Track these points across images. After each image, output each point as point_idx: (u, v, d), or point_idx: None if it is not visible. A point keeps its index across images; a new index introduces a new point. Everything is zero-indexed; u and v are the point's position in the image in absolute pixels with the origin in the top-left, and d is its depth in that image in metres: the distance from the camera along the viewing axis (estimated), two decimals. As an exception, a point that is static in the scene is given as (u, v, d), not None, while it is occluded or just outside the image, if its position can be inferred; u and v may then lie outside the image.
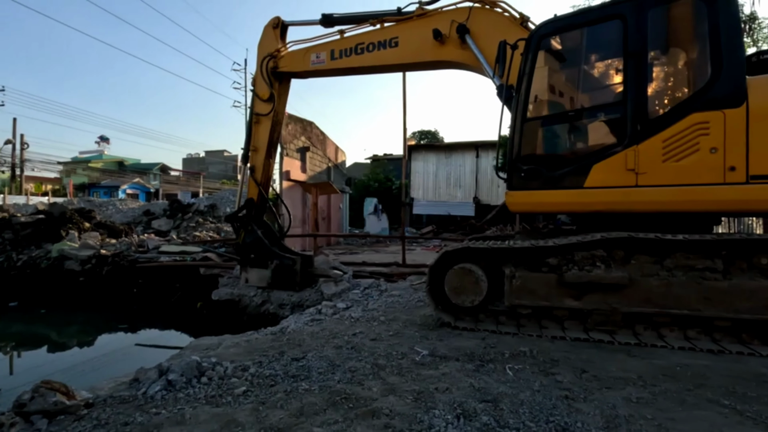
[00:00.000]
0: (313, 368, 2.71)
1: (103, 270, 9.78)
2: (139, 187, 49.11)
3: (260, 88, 7.11)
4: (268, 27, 7.13)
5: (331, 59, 6.53)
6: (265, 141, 7.17)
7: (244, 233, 7.27)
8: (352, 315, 4.26)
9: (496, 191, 22.09)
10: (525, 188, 3.88)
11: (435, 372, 2.67)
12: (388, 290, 6.03)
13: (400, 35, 5.94)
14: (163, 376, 2.40)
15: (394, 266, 8.16)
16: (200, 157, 68.47)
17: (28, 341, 7.84)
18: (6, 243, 11.32)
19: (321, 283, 6.96)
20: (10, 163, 27.08)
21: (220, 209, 19.03)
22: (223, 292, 7.35)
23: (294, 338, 3.43)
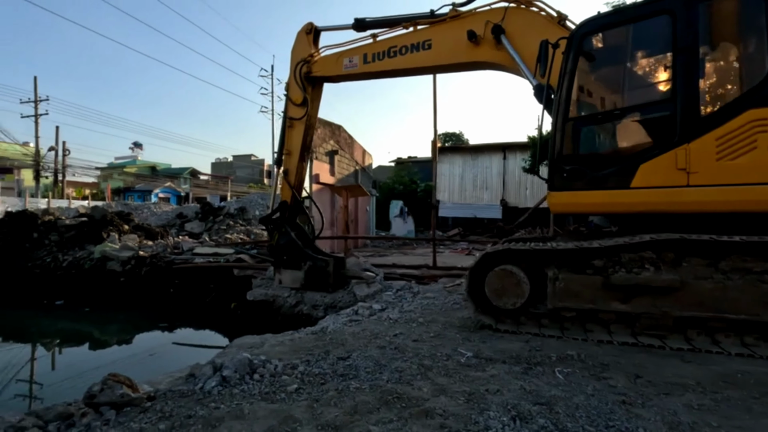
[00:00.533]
0: (360, 367, 2.73)
1: (142, 271, 10.14)
2: (171, 191, 50.75)
3: (294, 93, 7.24)
4: (301, 33, 7.27)
5: (364, 63, 6.59)
6: (298, 144, 7.29)
7: (278, 235, 7.40)
8: (390, 316, 4.28)
9: (524, 193, 21.76)
10: (567, 189, 3.80)
11: (483, 374, 2.65)
12: (421, 292, 6.01)
13: (434, 37, 5.95)
14: (218, 372, 2.47)
15: (425, 268, 8.13)
16: (228, 162, 70.23)
17: (74, 338, 8.21)
18: (52, 244, 11.91)
19: (353, 284, 7.01)
20: (53, 169, 28.47)
21: (249, 212, 19.44)
22: (257, 292, 7.50)
23: (336, 338, 3.47)
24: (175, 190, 51.26)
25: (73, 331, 8.59)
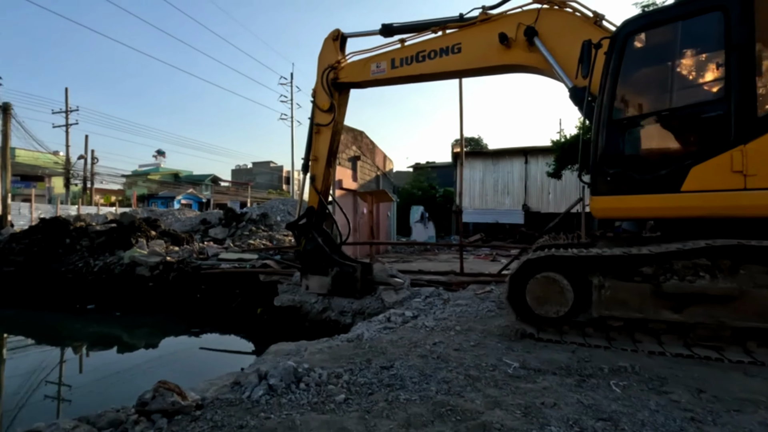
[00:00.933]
0: (405, 377, 2.66)
1: (170, 276, 10.30)
2: (192, 197, 51.80)
3: (320, 99, 7.27)
4: (328, 39, 7.31)
5: (392, 68, 6.57)
6: (325, 150, 7.30)
7: (305, 241, 7.40)
8: (426, 324, 4.19)
9: (546, 198, 21.39)
10: (612, 193, 3.67)
11: (534, 386, 2.55)
12: (451, 299, 5.90)
13: (463, 41, 5.89)
14: (264, 381, 2.44)
15: (452, 275, 8.01)
16: (248, 168, 71.35)
17: (107, 342, 8.36)
18: (83, 250, 12.23)
19: (381, 290, 6.95)
20: (83, 177, 29.38)
21: (271, 218, 19.64)
22: (284, 298, 7.51)
23: (375, 346, 3.41)
24: (196, 197, 52.32)
25: (106, 335, 8.76)
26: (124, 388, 5.91)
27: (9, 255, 12.10)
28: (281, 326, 7.68)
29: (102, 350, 8.06)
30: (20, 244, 12.45)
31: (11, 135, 16.82)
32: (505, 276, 7.79)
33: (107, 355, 7.71)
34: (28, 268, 11.76)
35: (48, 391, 5.82)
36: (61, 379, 6.37)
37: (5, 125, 15.35)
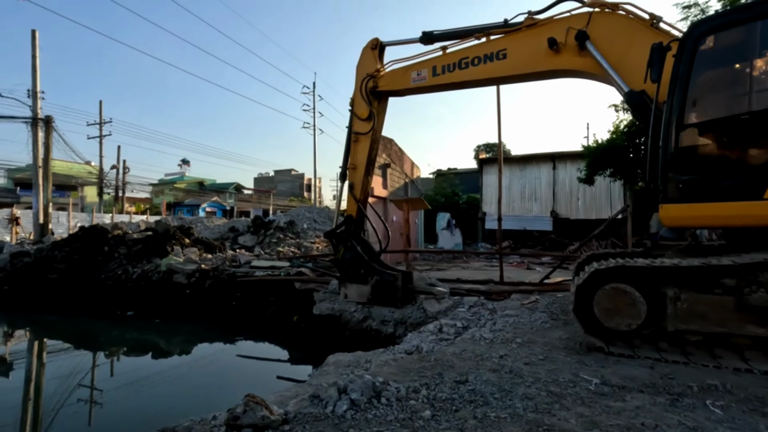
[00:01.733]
0: (485, 393, 2.58)
1: (206, 283, 10.45)
2: (217, 205, 52.83)
3: (359, 108, 7.29)
4: (367, 48, 7.34)
5: (433, 75, 6.55)
6: (364, 159, 7.31)
7: (344, 249, 7.38)
8: (483, 336, 4.09)
9: (575, 204, 20.95)
10: (684, 200, 3.51)
11: (625, 404, 2.43)
12: (498, 309, 5.77)
13: (509, 47, 5.82)
14: (345, 395, 2.39)
15: (492, 284, 7.87)
16: (270, 176, 72.45)
17: (147, 348, 8.51)
18: (121, 257, 12.55)
19: (422, 300, 6.87)
20: (115, 186, 30.32)
21: (297, 225, 19.82)
22: (323, 306, 7.50)
23: (441, 360, 3.33)
24: (221, 204, 53.36)
25: (146, 342, 8.92)
26: (167, 395, 5.98)
27: (52, 262, 12.52)
28: (320, 335, 7.67)
29: (143, 357, 8.21)
30: (62, 252, 12.86)
31: (50, 146, 17.58)
32: (548, 285, 7.62)
33: (148, 362, 7.84)
34: (70, 275, 12.13)
35: (92, 397, 5.95)
36: (96, 384, 6.49)
37: (47, 137, 15.97)
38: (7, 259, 13.36)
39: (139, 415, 5.29)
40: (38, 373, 7.02)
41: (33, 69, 16.04)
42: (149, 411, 5.39)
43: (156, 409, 5.49)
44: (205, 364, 7.67)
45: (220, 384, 6.52)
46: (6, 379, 6.81)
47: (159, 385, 6.56)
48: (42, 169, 15.88)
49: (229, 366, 7.51)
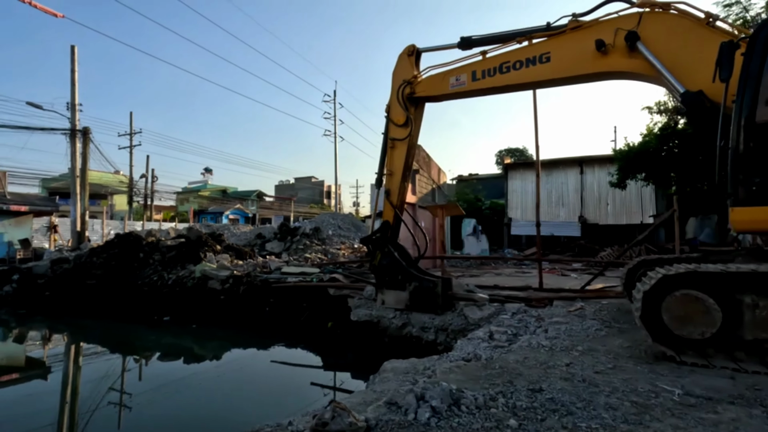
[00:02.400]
0: (565, 402, 2.50)
1: (240, 289, 10.58)
2: (239, 212, 53.70)
3: (396, 114, 7.31)
4: (403, 55, 7.37)
5: (473, 80, 6.52)
6: (400, 165, 7.31)
7: (380, 255, 7.37)
8: (541, 343, 4.00)
9: (604, 209, 20.48)
10: (758, 203, 3.37)
11: (719, 417, 2.32)
12: (544, 317, 5.65)
13: (552, 50, 5.75)
14: (425, 403, 2.36)
15: (531, 290, 7.72)
16: (290, 184, 73.41)
17: (184, 353, 8.65)
18: (156, 263, 12.84)
19: (461, 306, 6.79)
20: (143, 194, 31.18)
21: (323, 232, 19.95)
22: (360, 313, 7.49)
23: (506, 367, 3.26)
24: (243, 212, 54.22)
25: (183, 347, 9.07)
26: (205, 400, 6.04)
27: (91, 269, 12.91)
28: (356, 341, 7.65)
29: (180, 361, 8.33)
30: (100, 258, 13.26)
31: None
32: (589, 292, 7.43)
33: (185, 367, 7.97)
34: (108, 281, 12.48)
35: (131, 401, 6.06)
36: (135, 388, 6.59)
37: (85, 148, 16.55)
38: (47, 266, 13.86)
39: (179, 419, 5.39)
40: (79, 376, 7.22)
41: (72, 83, 16.69)
42: (187, 416, 5.48)
43: (195, 413, 5.56)
44: (241, 369, 7.72)
45: (256, 389, 6.57)
46: (49, 382, 7.04)
47: (197, 390, 6.66)
48: (79, 178, 16.43)
49: (264, 372, 7.55)
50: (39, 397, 6.26)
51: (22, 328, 11.02)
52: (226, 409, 5.64)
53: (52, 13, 18.60)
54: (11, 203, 15.03)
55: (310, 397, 6.04)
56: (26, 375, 7.47)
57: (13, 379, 7.40)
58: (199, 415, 5.42)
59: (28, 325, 11.18)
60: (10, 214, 15.16)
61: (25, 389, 6.83)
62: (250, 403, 5.81)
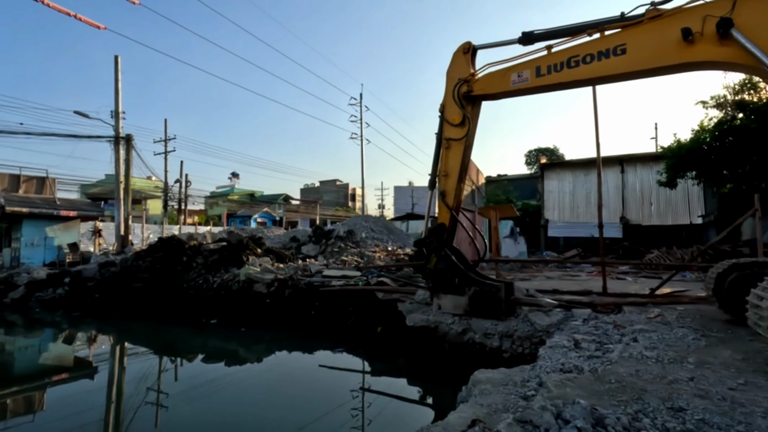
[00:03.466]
0: (720, 425, 2.25)
1: (285, 293, 10.57)
2: (267, 216, 54.48)
3: (451, 113, 7.13)
4: (458, 53, 7.18)
5: (537, 76, 6.27)
6: (456, 165, 7.12)
7: (436, 259, 7.18)
8: (645, 354, 3.72)
9: (648, 210, 19.67)
10: None
11: None
12: (621, 323, 5.33)
13: (629, 41, 5.44)
14: (568, 423, 2.15)
15: (594, 295, 7.36)
16: (315, 187, 74.05)
17: (235, 355, 8.67)
18: (199, 267, 13.01)
19: (526, 312, 6.51)
20: (178, 199, 31.92)
21: (356, 234, 19.88)
22: (417, 318, 7.30)
23: (622, 381, 3.01)
24: (270, 215, 55.00)
25: (236, 350, 9.08)
26: (258, 405, 5.99)
27: (137, 272, 13.20)
28: (411, 347, 7.45)
29: (231, 364, 8.31)
30: (145, 262, 13.54)
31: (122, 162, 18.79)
32: (660, 297, 7.03)
33: (236, 369, 7.96)
34: (153, 284, 12.72)
35: (184, 401, 6.06)
36: (188, 391, 6.57)
37: (128, 154, 17.00)
38: (96, 269, 14.26)
39: (231, 421, 5.34)
40: (138, 378, 7.27)
41: (116, 91, 17.20)
42: (239, 419, 5.43)
43: (247, 416, 5.52)
44: (289, 373, 7.63)
45: (305, 394, 6.46)
46: (104, 383, 7.17)
47: (248, 392, 6.65)
48: (123, 184, 16.88)
49: (312, 376, 7.44)
50: (110, 394, 6.37)
51: (77, 329, 11.32)
52: (277, 411, 5.60)
53: (95, 25, 19.27)
54: (61, 208, 15.58)
55: (360, 403, 5.91)
56: (89, 374, 7.62)
57: (77, 377, 7.62)
58: (249, 420, 5.40)
59: (82, 327, 11.48)
60: (60, 219, 15.72)
61: (90, 386, 6.99)
62: (300, 407, 5.75)
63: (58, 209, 15.56)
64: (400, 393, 6.31)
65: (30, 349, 9.53)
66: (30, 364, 8.43)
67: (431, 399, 6.23)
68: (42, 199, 15.88)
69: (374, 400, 6.03)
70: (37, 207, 15.16)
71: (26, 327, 11.54)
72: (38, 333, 11.06)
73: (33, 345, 9.83)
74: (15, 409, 6.00)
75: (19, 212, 14.70)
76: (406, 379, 7.09)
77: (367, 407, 5.75)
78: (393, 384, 6.82)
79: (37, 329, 11.36)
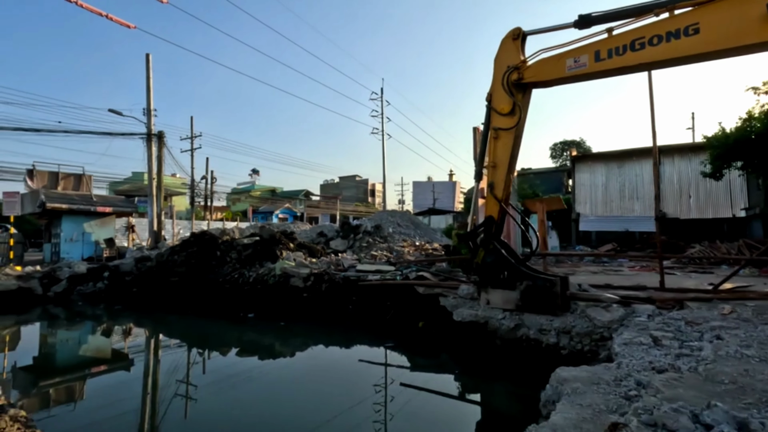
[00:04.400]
0: None
1: (322, 287, 10.53)
2: (288, 211, 54.93)
3: (499, 102, 6.90)
4: (507, 39, 6.93)
5: (596, 61, 5.97)
6: (505, 156, 6.90)
7: (484, 253, 6.99)
8: (744, 353, 3.47)
9: (686, 203, 18.94)
10: None
11: None
12: (694, 320, 5.04)
13: (702, 20, 5.11)
14: (715, 428, 1.96)
15: (651, 290, 7.05)
16: (335, 183, 74.34)
17: (274, 349, 8.68)
18: (233, 261, 13.10)
19: (582, 307, 6.27)
20: (204, 195, 32.40)
21: (384, 229, 19.79)
22: (465, 313, 7.12)
23: (737, 381, 2.78)
24: (292, 211, 55.44)
25: (277, 344, 9.07)
26: (300, 399, 5.92)
27: (173, 267, 13.38)
28: (454, 342, 7.27)
29: (272, 357, 8.32)
30: (180, 257, 13.72)
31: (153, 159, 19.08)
32: (724, 293, 6.67)
33: (277, 362, 7.98)
34: (189, 278, 12.87)
35: (227, 394, 6.04)
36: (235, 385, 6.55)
37: (160, 151, 17.24)
38: (132, 264, 14.53)
39: (273, 413, 5.31)
40: (176, 369, 7.32)
41: (147, 89, 17.43)
42: (283, 412, 5.40)
43: (289, 409, 5.48)
44: (328, 368, 7.51)
45: (345, 387, 6.38)
46: (140, 373, 7.24)
47: (290, 385, 6.60)
48: (155, 180, 17.14)
49: (354, 370, 7.34)
50: (146, 385, 6.42)
51: (117, 322, 11.54)
52: (316, 404, 5.55)
53: (125, 24, 19.54)
54: (97, 205, 15.92)
55: (402, 397, 5.79)
56: (126, 366, 7.72)
57: (116, 368, 7.78)
58: (289, 413, 5.34)
59: (122, 320, 11.70)
60: (97, 215, 16.08)
61: (128, 377, 7.09)
62: (340, 400, 5.73)
63: (95, 205, 15.91)
64: (444, 389, 6.17)
65: (71, 341, 9.74)
66: (72, 355, 8.62)
67: (478, 396, 6.09)
68: (79, 196, 16.26)
69: (416, 395, 5.92)
70: (75, 203, 15.54)
71: (68, 319, 11.82)
72: (80, 325, 11.31)
73: (74, 337, 10.05)
74: (57, 398, 6.15)
75: (59, 208, 15.09)
76: (452, 375, 6.95)
77: (410, 402, 5.65)
78: (429, 378, 6.69)
79: (79, 322, 11.62)
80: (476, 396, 6.15)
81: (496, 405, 5.72)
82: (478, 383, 6.38)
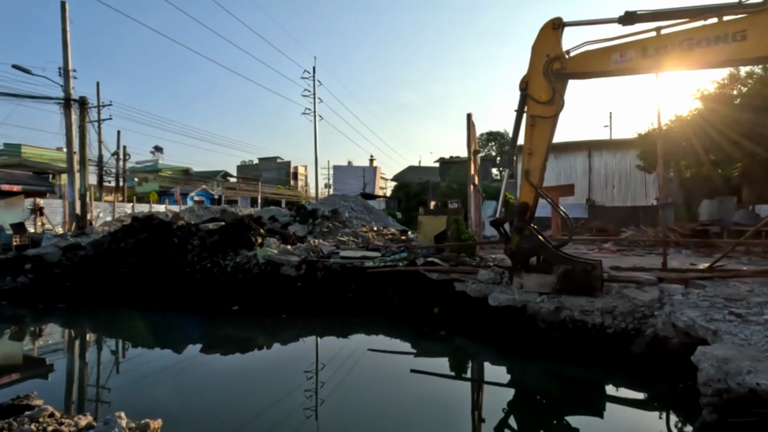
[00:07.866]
0: None
1: (318, 275, 9.88)
2: (205, 193, 50.70)
3: (537, 90, 7.00)
4: (547, 28, 7.00)
5: (643, 57, 6.31)
6: (543, 144, 7.06)
7: (519, 238, 7.16)
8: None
9: (611, 192, 21.45)
10: None
11: None
12: (733, 297, 5.71)
13: (749, 28, 5.65)
14: None
15: (656, 271, 7.81)
16: (254, 164, 70.08)
17: (278, 344, 7.96)
18: (197, 249, 11.66)
19: (619, 288, 6.74)
20: (115, 174, 28.32)
21: (341, 214, 19.17)
22: (501, 297, 7.19)
23: None
24: (208, 193, 51.21)
25: (274, 337, 8.29)
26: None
27: (121, 256, 11.49)
28: (497, 327, 7.31)
29: (272, 351, 7.61)
30: (128, 245, 11.83)
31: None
32: (721, 271, 7.65)
33: (282, 356, 7.41)
34: (143, 268, 11.18)
35: (249, 392, 5.45)
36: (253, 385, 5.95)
37: (82, 120, 14.56)
38: (59, 253, 12.16)
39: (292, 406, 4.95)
40: (181, 370, 6.36)
41: (63, 44, 14.48)
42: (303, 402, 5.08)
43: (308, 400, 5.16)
44: (345, 358, 7.09)
45: (362, 380, 6.17)
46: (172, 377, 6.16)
47: (304, 378, 6.15)
48: (78, 154, 14.45)
49: (366, 361, 7.03)
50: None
51: (72, 324, 9.58)
52: (334, 395, 5.33)
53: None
54: (2, 182, 12.88)
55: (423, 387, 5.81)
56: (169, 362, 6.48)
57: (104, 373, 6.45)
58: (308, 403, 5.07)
59: (72, 321, 9.75)
60: (1, 195, 13.01)
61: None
62: (358, 391, 5.65)
63: (0, 183, 12.86)
64: (486, 373, 6.26)
65: None
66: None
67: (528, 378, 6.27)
68: (-27, 170, 12.98)
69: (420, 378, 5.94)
70: (-32, 179, 12.37)
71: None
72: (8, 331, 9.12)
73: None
74: None
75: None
76: (488, 358, 7.05)
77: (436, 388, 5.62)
78: (439, 363, 6.75)
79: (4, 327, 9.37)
80: (525, 378, 6.29)
81: (540, 386, 5.85)
82: (522, 365, 6.54)
